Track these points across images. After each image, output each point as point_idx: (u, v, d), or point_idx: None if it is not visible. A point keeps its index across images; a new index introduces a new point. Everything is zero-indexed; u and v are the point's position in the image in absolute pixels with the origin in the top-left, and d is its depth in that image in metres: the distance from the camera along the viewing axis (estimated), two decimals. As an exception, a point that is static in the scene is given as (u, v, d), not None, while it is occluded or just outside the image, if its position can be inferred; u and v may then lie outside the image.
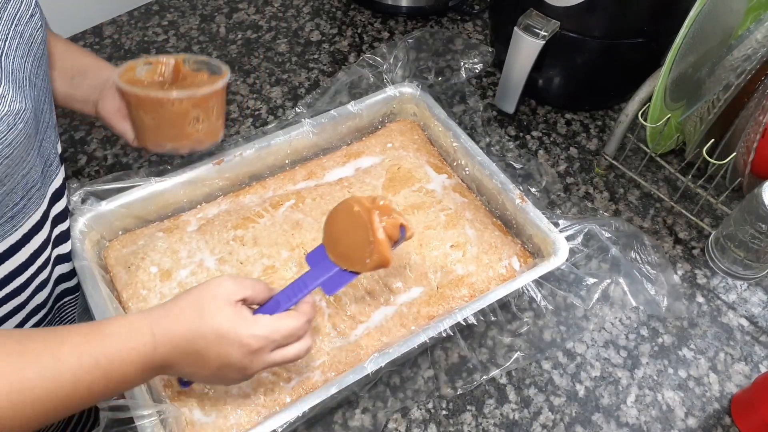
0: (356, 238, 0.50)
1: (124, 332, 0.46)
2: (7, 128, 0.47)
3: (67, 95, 0.66)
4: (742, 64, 0.69)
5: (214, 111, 0.63)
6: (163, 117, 0.61)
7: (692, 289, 0.75)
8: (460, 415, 0.64)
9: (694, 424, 0.64)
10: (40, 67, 0.55)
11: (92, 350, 0.44)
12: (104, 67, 0.67)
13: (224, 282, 0.50)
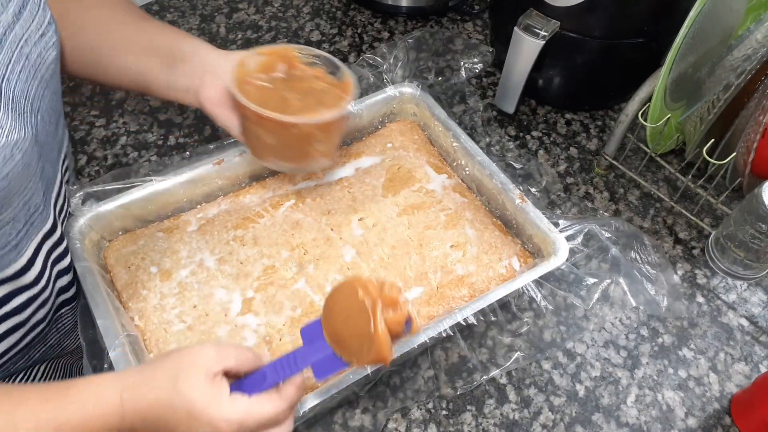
0: (356, 326, 0.46)
1: (91, 399, 0.43)
2: (3, 161, 0.45)
3: (168, 86, 0.62)
4: (742, 64, 0.69)
5: (337, 131, 0.61)
6: (284, 138, 0.58)
7: (692, 289, 0.75)
8: (460, 415, 0.64)
9: (694, 424, 0.64)
10: (47, 87, 0.53)
11: (53, 415, 0.42)
12: (206, 50, 0.62)
13: (206, 351, 0.45)
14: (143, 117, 0.89)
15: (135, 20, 0.63)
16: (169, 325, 0.62)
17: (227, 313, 0.63)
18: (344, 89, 0.60)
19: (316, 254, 0.67)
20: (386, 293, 0.46)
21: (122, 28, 0.62)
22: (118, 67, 0.62)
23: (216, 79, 0.60)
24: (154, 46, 0.61)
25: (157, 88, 0.62)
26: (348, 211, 0.70)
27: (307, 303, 0.63)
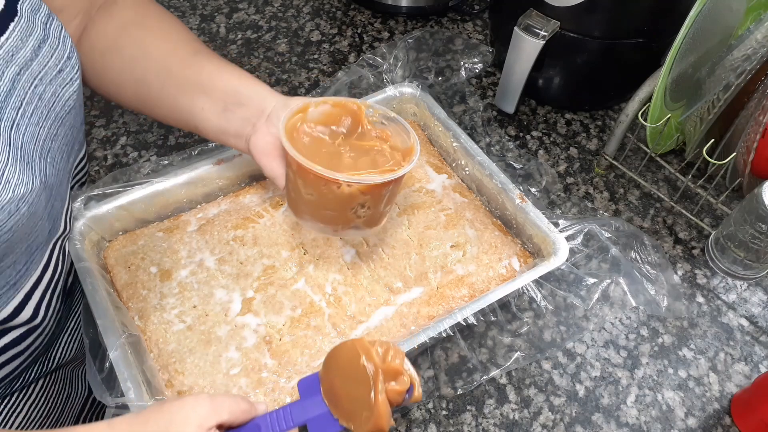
0: (356, 391, 0.45)
1: None
2: (8, 216, 0.44)
3: (219, 130, 0.58)
4: (742, 64, 0.69)
5: (386, 198, 0.53)
6: (325, 196, 0.52)
7: (692, 289, 0.75)
8: (460, 415, 0.64)
9: (694, 424, 0.64)
10: (62, 125, 0.51)
11: None
12: (264, 94, 0.57)
13: (200, 404, 0.45)
14: (143, 117, 0.89)
15: (196, 57, 0.58)
16: (169, 325, 0.62)
17: (227, 313, 0.63)
18: (405, 155, 0.54)
19: (316, 254, 0.67)
20: (389, 362, 0.44)
21: (181, 66, 0.57)
22: (171, 106, 0.59)
23: (270, 127, 0.56)
24: (211, 87, 0.57)
25: (207, 130, 0.59)
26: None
27: (307, 303, 0.63)
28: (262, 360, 0.60)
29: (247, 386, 0.58)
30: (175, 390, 0.58)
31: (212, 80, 0.56)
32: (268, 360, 0.60)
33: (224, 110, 0.57)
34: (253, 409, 0.47)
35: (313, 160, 0.50)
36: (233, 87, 0.57)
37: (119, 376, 0.54)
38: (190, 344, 0.60)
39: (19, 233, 0.46)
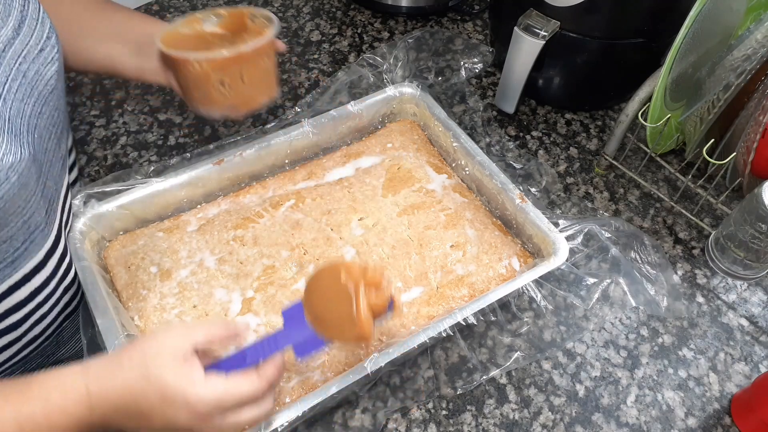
0: (339, 308, 0.46)
1: (55, 391, 0.42)
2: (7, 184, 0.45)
3: (139, 69, 0.63)
4: (742, 64, 0.69)
5: (245, 77, 0.58)
6: (186, 79, 0.58)
7: (692, 289, 0.75)
8: (460, 415, 0.64)
9: (694, 424, 0.64)
10: (45, 104, 0.52)
11: (15, 413, 0.41)
12: (156, 22, 0.64)
13: (172, 332, 0.45)
14: (143, 117, 0.89)
15: (105, 9, 0.63)
16: (169, 324, 0.62)
17: (227, 313, 0.63)
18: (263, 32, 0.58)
19: (316, 254, 0.67)
20: (369, 275, 0.46)
21: (92, 19, 0.62)
22: (88, 54, 0.63)
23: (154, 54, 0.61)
24: (124, 33, 0.62)
25: (127, 71, 0.63)
26: (348, 211, 0.70)
27: (307, 303, 0.63)
28: (262, 360, 0.60)
29: (247, 386, 0.58)
30: (175, 390, 0.58)
31: (124, 27, 0.62)
32: (268, 360, 0.60)
33: (139, 51, 0.62)
34: (235, 331, 0.47)
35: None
36: (144, 30, 0.62)
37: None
38: (190, 344, 0.60)
39: (12, 204, 0.47)
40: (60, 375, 0.43)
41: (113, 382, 0.43)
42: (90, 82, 0.93)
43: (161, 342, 0.44)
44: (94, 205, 0.65)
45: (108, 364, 0.44)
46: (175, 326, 0.46)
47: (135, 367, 0.43)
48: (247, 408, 0.46)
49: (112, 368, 0.44)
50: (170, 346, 0.44)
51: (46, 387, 0.42)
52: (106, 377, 0.43)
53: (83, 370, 0.43)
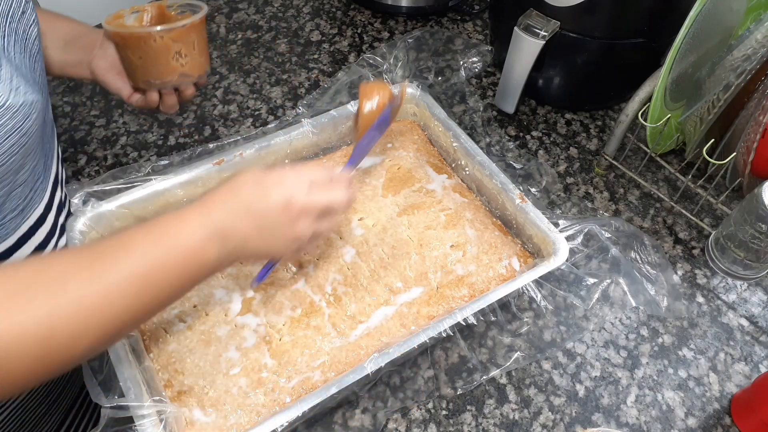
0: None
1: (174, 214, 0.46)
2: (24, 118, 0.47)
3: (62, 62, 0.66)
4: (742, 64, 0.69)
5: (195, 45, 0.65)
6: (147, 54, 0.63)
7: (692, 289, 0.75)
8: (460, 415, 0.64)
9: (694, 424, 0.64)
10: (37, 62, 0.55)
11: (150, 236, 0.44)
12: (93, 30, 0.69)
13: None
14: (143, 117, 0.89)
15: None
16: (169, 325, 0.62)
17: (227, 313, 0.63)
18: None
19: (315, 254, 0.67)
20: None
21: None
22: None
23: (105, 50, 0.66)
24: (49, 30, 0.65)
25: (52, 65, 0.65)
26: (348, 211, 0.70)
27: (307, 303, 0.63)
28: (262, 360, 0.60)
29: (247, 386, 0.58)
30: (174, 390, 0.58)
31: (49, 24, 0.65)
32: (267, 360, 0.60)
33: (65, 45, 0.66)
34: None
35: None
36: (68, 26, 0.67)
37: (119, 377, 0.54)
38: (190, 344, 0.60)
39: (32, 143, 0.50)
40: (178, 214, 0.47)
41: (214, 188, 0.49)
42: (90, 83, 0.93)
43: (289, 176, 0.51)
44: (94, 205, 0.65)
45: (226, 197, 0.48)
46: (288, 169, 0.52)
47: (227, 181, 0.49)
48: (331, 187, 0.52)
49: (230, 200, 0.48)
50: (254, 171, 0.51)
51: (164, 217, 0.46)
52: (209, 192, 0.48)
53: (201, 206, 0.48)
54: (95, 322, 0.41)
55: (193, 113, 0.90)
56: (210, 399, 0.57)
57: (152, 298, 0.44)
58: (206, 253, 0.46)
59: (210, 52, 0.98)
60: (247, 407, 0.57)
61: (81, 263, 0.41)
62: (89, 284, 0.40)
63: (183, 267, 0.45)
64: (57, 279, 0.40)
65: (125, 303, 0.42)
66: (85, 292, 0.40)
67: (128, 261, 0.42)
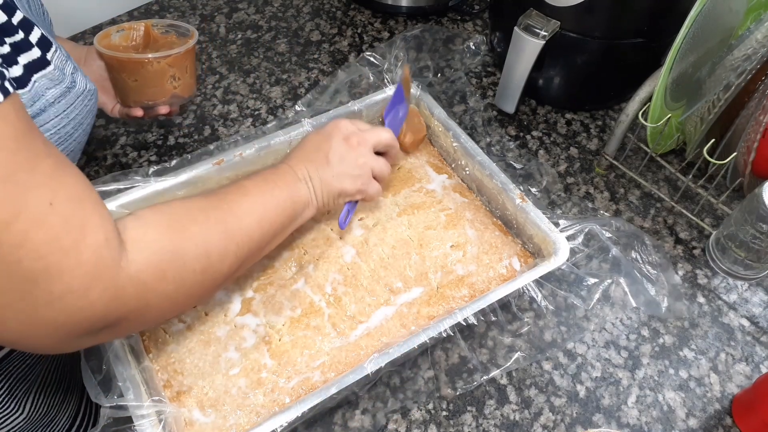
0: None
1: (271, 170, 0.58)
2: (96, 100, 0.56)
3: None
4: (742, 64, 0.69)
5: (188, 68, 0.71)
6: (144, 77, 0.68)
7: (693, 290, 0.74)
8: (461, 416, 0.64)
9: (695, 425, 0.64)
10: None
11: (260, 182, 0.56)
12: (77, 46, 0.71)
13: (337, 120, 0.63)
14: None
15: None
16: (169, 325, 0.61)
17: (227, 313, 0.62)
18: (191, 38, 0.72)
19: (315, 254, 0.67)
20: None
21: None
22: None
23: (89, 68, 0.69)
24: None
25: None
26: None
27: (307, 303, 0.63)
28: (262, 360, 0.59)
29: (247, 386, 0.58)
30: (173, 390, 0.58)
31: None
32: (267, 360, 0.59)
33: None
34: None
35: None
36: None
37: (118, 377, 0.54)
38: (190, 344, 0.60)
39: (89, 125, 0.56)
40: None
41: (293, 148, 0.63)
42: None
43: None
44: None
45: (297, 151, 0.61)
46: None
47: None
48: (377, 129, 0.64)
49: (300, 154, 0.61)
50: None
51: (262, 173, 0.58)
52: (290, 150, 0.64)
53: (286, 165, 0.59)
54: (233, 245, 0.50)
55: (192, 113, 0.90)
56: (209, 399, 0.57)
57: (268, 227, 0.54)
58: (299, 191, 0.57)
59: (209, 53, 0.98)
60: (247, 408, 0.57)
61: (214, 202, 0.51)
62: (225, 215, 0.50)
63: (285, 202, 0.56)
64: (201, 213, 0.49)
65: (251, 230, 0.52)
66: (223, 221, 0.50)
67: (247, 199, 0.53)
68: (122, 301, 0.41)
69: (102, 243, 0.39)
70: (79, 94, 0.53)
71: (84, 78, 0.54)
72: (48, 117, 0.50)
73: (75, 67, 0.53)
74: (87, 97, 0.54)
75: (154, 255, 0.43)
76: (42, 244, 0.36)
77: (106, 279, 0.39)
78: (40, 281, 0.36)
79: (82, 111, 0.54)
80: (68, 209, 0.38)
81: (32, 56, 0.47)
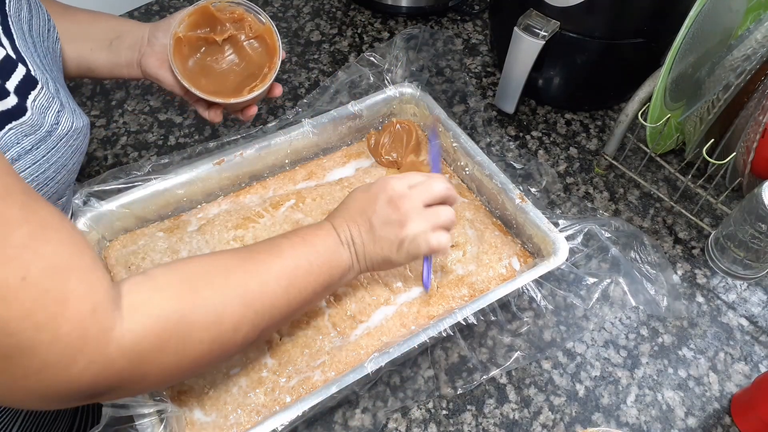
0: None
1: (310, 227, 0.54)
2: (84, 138, 0.52)
3: (110, 64, 0.64)
4: (741, 64, 0.69)
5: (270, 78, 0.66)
6: (230, 107, 0.66)
7: (692, 289, 0.75)
8: (460, 415, 0.64)
9: (694, 424, 0.64)
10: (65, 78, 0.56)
11: (298, 242, 0.51)
12: (136, 26, 0.65)
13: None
14: (143, 117, 0.89)
15: (68, 11, 0.63)
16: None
17: (227, 313, 0.63)
18: (271, 53, 0.66)
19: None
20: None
21: (57, 21, 0.62)
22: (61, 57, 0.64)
23: (152, 47, 0.63)
24: (90, 31, 0.63)
25: (101, 68, 0.64)
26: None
27: (307, 303, 0.63)
28: (262, 359, 0.60)
29: (247, 386, 0.58)
30: (174, 389, 0.58)
31: (90, 25, 0.63)
32: (268, 359, 0.60)
33: (110, 46, 0.63)
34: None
35: (199, 79, 0.64)
36: (110, 26, 0.64)
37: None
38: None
39: (76, 163, 0.52)
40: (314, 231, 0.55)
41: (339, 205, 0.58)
42: (90, 83, 0.93)
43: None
44: (95, 205, 0.65)
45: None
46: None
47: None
48: (426, 181, 0.57)
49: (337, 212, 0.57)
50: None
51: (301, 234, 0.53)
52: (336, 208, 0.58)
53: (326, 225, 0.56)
54: (252, 312, 0.46)
55: (193, 113, 0.90)
56: (210, 398, 0.57)
57: (296, 294, 0.49)
58: (340, 256, 0.53)
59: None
60: (247, 407, 0.57)
61: (238, 261, 0.47)
62: (247, 279, 0.46)
63: (320, 268, 0.51)
64: (220, 274, 0.45)
65: (275, 297, 0.48)
66: (244, 285, 0.46)
67: (278, 261, 0.49)
68: (113, 373, 0.38)
69: (87, 314, 0.36)
70: (62, 136, 0.48)
71: (71, 116, 0.50)
72: (24, 165, 0.45)
73: (63, 104, 0.49)
74: (73, 137, 0.50)
75: (155, 323, 0.40)
76: (12, 321, 0.33)
77: (91, 352, 0.36)
78: (14, 357, 0.34)
79: (66, 153, 0.49)
80: (45, 282, 0.35)
81: (7, 105, 0.43)
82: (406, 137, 0.75)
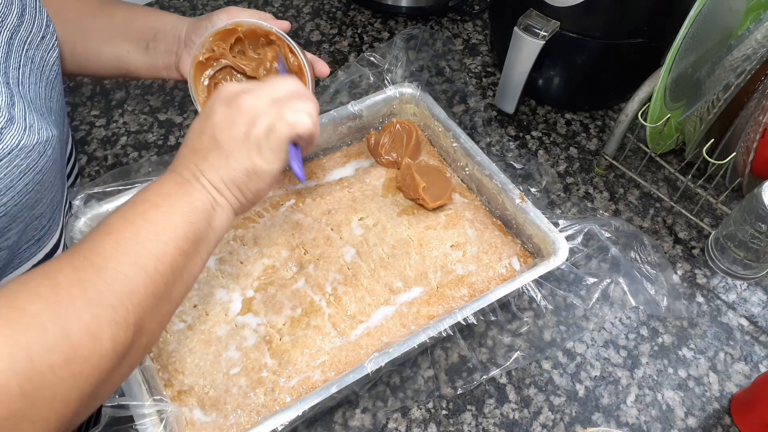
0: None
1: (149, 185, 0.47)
2: (38, 156, 0.46)
3: (149, 66, 0.62)
4: (741, 64, 0.69)
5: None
6: None
7: (692, 289, 0.75)
8: (460, 415, 0.64)
9: (693, 424, 0.64)
10: (53, 89, 0.54)
11: (131, 211, 0.44)
12: (174, 23, 0.61)
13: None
14: (143, 117, 0.89)
15: (104, 8, 0.63)
16: (169, 324, 0.62)
17: (227, 313, 0.63)
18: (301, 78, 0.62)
19: (316, 254, 0.67)
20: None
21: (93, 20, 0.62)
22: (99, 59, 0.63)
23: (190, 49, 0.60)
24: (127, 31, 0.62)
25: (140, 70, 0.63)
26: (348, 210, 0.70)
27: (307, 303, 0.63)
28: (262, 359, 0.60)
29: (247, 386, 0.58)
30: (175, 389, 0.58)
31: (126, 24, 0.61)
32: (268, 359, 0.60)
33: (147, 48, 0.61)
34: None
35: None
36: (147, 25, 0.62)
37: (119, 376, 0.54)
38: (191, 344, 0.60)
39: (47, 177, 0.49)
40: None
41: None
42: (90, 83, 0.93)
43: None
44: (95, 205, 0.65)
45: (186, 146, 0.48)
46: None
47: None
48: (295, 96, 0.49)
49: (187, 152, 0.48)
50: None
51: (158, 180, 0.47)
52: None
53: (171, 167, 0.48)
54: (110, 311, 0.39)
55: (193, 113, 0.90)
56: (210, 399, 0.57)
57: (162, 269, 0.42)
58: (189, 196, 0.45)
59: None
60: (247, 407, 0.57)
61: (69, 262, 0.40)
62: (87, 275, 0.39)
63: (171, 223, 0.44)
64: (47, 281, 0.38)
65: (136, 283, 0.40)
66: (84, 285, 0.39)
67: (124, 245, 0.41)
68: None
69: None
70: (4, 155, 0.43)
71: (23, 131, 0.44)
72: None
73: (11, 119, 0.44)
74: (20, 156, 0.44)
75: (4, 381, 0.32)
76: None
77: None
78: None
79: (11, 173, 0.44)
80: None
81: None
82: (406, 137, 0.75)
